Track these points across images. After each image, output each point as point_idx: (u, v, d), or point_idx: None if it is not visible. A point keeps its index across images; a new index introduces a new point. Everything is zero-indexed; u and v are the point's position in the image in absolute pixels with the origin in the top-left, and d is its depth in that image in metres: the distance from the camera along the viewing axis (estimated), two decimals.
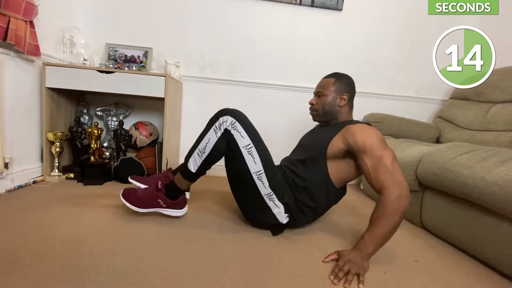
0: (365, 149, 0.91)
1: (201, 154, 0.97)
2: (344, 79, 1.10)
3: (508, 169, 0.86)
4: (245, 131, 0.94)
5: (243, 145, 0.94)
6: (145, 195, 1.05)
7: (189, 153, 1.01)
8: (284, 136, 2.00)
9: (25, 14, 1.22)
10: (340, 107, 1.08)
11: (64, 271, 0.71)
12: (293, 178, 1.05)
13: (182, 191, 1.07)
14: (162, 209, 1.06)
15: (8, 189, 1.26)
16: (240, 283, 0.73)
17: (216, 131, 0.95)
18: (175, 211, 1.07)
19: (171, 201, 1.05)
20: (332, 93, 1.08)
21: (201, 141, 0.98)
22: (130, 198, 1.05)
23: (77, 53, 1.61)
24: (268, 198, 0.98)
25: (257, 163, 0.95)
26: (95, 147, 1.54)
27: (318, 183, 1.01)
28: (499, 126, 1.58)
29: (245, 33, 1.92)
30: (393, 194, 0.84)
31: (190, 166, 0.99)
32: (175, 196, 1.06)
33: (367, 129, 0.95)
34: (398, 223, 0.84)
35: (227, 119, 0.94)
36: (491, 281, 0.87)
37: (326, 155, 0.99)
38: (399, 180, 0.85)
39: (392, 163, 0.88)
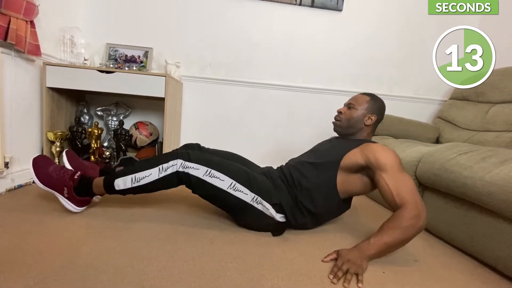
0: (386, 168, 0.92)
1: (134, 182, 0.97)
2: (378, 101, 1.12)
3: (507, 169, 0.86)
4: (197, 164, 0.95)
5: (201, 174, 0.94)
6: (55, 175, 1.00)
7: (123, 173, 0.99)
8: (284, 136, 2.00)
9: (26, 14, 1.23)
10: (365, 126, 1.09)
11: (63, 270, 0.71)
12: (298, 177, 1.05)
13: (92, 194, 1.04)
14: (61, 196, 1.01)
15: (9, 189, 1.26)
16: (240, 283, 0.73)
17: (160, 171, 0.95)
18: (72, 206, 1.03)
19: (76, 196, 1.01)
20: (363, 110, 1.09)
21: (141, 171, 0.97)
22: (38, 167, 1.00)
23: (78, 53, 1.61)
24: (255, 202, 0.98)
25: (224, 180, 0.95)
26: (95, 147, 1.55)
27: (322, 188, 1.01)
28: (498, 126, 1.58)
29: (245, 33, 1.92)
30: (414, 212, 0.85)
31: (117, 185, 0.98)
32: (82, 193, 1.02)
33: (389, 149, 0.97)
34: (408, 240, 0.86)
35: (176, 162, 0.94)
36: (490, 281, 0.87)
37: (339, 165, 1.00)
38: (420, 202, 0.87)
39: (413, 185, 0.90)
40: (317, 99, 2.02)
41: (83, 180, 1.03)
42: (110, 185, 0.99)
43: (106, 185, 1.00)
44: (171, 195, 1.31)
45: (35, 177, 1.00)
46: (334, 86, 2.02)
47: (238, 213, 1.05)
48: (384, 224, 0.88)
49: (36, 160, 1.02)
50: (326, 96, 2.02)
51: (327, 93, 2.02)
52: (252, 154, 1.40)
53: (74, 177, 1.02)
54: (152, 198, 1.26)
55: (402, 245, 0.88)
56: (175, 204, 1.25)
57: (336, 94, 2.00)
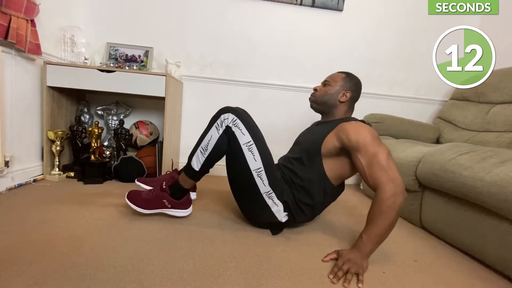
0: (358, 147, 0.91)
1: (204, 152, 0.98)
2: (354, 79, 1.11)
3: (507, 170, 0.86)
4: (246, 129, 0.95)
5: (244, 142, 0.94)
6: (150, 197, 1.05)
7: (192, 152, 1.01)
8: (284, 135, 1.99)
9: (26, 12, 1.23)
10: (340, 103, 1.08)
11: (64, 268, 0.71)
12: (290, 176, 1.05)
13: (186, 191, 1.07)
14: (167, 209, 1.06)
15: (9, 188, 1.26)
16: (239, 282, 0.73)
17: (218, 128, 0.96)
18: (180, 211, 1.07)
19: (176, 201, 1.05)
20: (337, 86, 1.08)
21: (203, 139, 0.98)
22: (135, 199, 1.05)
23: (78, 52, 1.61)
24: (267, 196, 0.98)
25: (257, 160, 0.95)
26: (96, 146, 1.55)
27: (315, 181, 1.01)
28: (498, 127, 1.58)
29: (246, 33, 1.92)
30: (388, 191, 0.83)
31: (194, 165, 1.00)
32: (179, 196, 1.06)
33: (360, 126, 0.95)
34: (395, 220, 0.84)
35: (228, 116, 0.95)
36: (490, 282, 0.87)
37: (321, 152, 1.00)
38: (394, 176, 0.85)
39: (386, 160, 0.87)
40: None
41: (171, 185, 1.06)
42: (190, 169, 1.01)
43: (187, 172, 1.02)
44: None
45: (138, 208, 1.05)
46: None
47: (247, 198, 1.05)
48: (369, 213, 0.88)
49: (130, 195, 1.07)
50: None
51: None
52: None
53: (163, 187, 1.05)
54: None
55: (392, 227, 0.85)
56: None
57: None
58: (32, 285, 0.64)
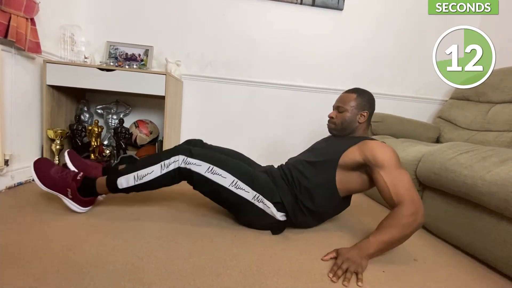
0: (383, 165, 0.92)
1: (136, 180, 0.96)
2: (365, 95, 1.11)
3: (507, 169, 0.86)
4: (199, 160, 0.94)
5: (204, 171, 0.94)
6: (57, 177, 1.00)
7: (125, 171, 0.99)
8: (284, 135, 2.00)
9: (26, 11, 1.22)
10: (359, 124, 1.09)
11: (63, 267, 0.71)
12: (298, 177, 1.05)
13: (96, 194, 1.04)
14: (66, 198, 1.01)
15: (8, 186, 1.26)
16: (239, 281, 0.73)
17: (162, 167, 0.95)
18: (76, 206, 1.02)
19: (80, 197, 1.01)
20: (353, 110, 1.08)
21: (142, 168, 0.96)
22: (40, 170, 1.00)
23: (78, 51, 1.61)
24: (256, 200, 0.98)
25: (226, 177, 0.95)
26: (95, 145, 1.55)
27: (322, 187, 1.01)
28: (499, 126, 1.58)
29: (246, 32, 1.92)
30: (411, 209, 0.85)
31: (120, 183, 0.98)
32: (86, 194, 1.02)
33: (386, 146, 0.97)
34: (407, 237, 0.86)
35: (178, 158, 0.94)
36: (490, 281, 0.87)
37: (338, 163, 1.00)
38: (417, 199, 0.87)
39: (410, 182, 0.90)
40: (317, 98, 2.02)
41: (86, 180, 1.02)
42: (113, 184, 0.99)
43: (109, 184, 1.00)
44: (171, 193, 1.31)
45: (37, 179, 0.99)
46: (334, 85, 2.02)
47: (239, 211, 1.05)
48: (383, 222, 0.89)
49: (37, 163, 1.01)
50: (326, 96, 2.02)
51: (327, 92, 2.01)
52: (252, 153, 1.39)
53: (77, 178, 1.01)
54: (152, 197, 1.26)
55: (401, 243, 0.88)
56: (175, 203, 1.25)
57: (336, 94, 1.95)
58: (32, 283, 0.64)
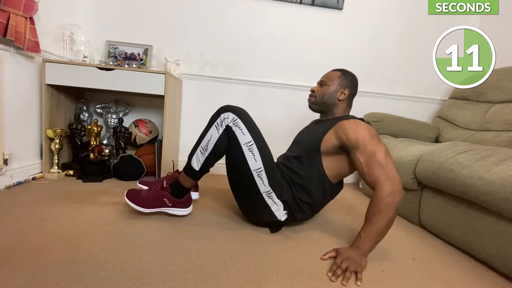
0: (357, 145, 0.91)
1: (204, 152, 0.98)
2: (349, 76, 1.11)
3: (506, 168, 0.86)
4: (246, 128, 0.95)
5: (244, 142, 0.94)
6: (150, 195, 1.05)
7: (192, 151, 1.01)
8: (283, 134, 1.99)
9: (25, 10, 1.22)
10: (339, 101, 1.08)
11: (63, 266, 0.71)
12: (289, 174, 1.05)
13: (187, 190, 1.07)
14: (167, 208, 1.06)
15: (7, 186, 1.26)
16: (238, 280, 0.73)
17: (218, 128, 0.95)
18: (180, 210, 1.07)
19: (176, 200, 1.05)
20: (335, 85, 1.08)
21: (203, 139, 0.98)
22: (134, 198, 1.05)
23: (77, 50, 1.61)
24: (267, 195, 0.98)
25: (257, 160, 0.95)
26: (95, 144, 1.54)
27: (314, 179, 1.01)
28: (498, 126, 1.58)
29: (245, 32, 1.92)
30: (387, 189, 0.83)
31: (194, 164, 0.99)
32: (180, 195, 1.06)
33: (359, 124, 0.95)
34: (393, 218, 0.84)
35: (228, 115, 0.94)
36: (488, 280, 0.87)
37: (320, 150, 1.00)
38: (392, 175, 0.85)
39: (385, 158, 0.88)
40: None
41: (172, 183, 1.06)
42: (190, 168, 1.01)
43: (188, 171, 1.02)
44: None
45: (138, 207, 1.04)
46: None
47: (246, 195, 1.04)
48: (367, 211, 0.88)
49: (130, 194, 1.06)
50: None
51: None
52: None
53: (164, 186, 1.05)
54: None
55: (390, 225, 0.85)
56: None
57: None
58: (31, 282, 0.64)
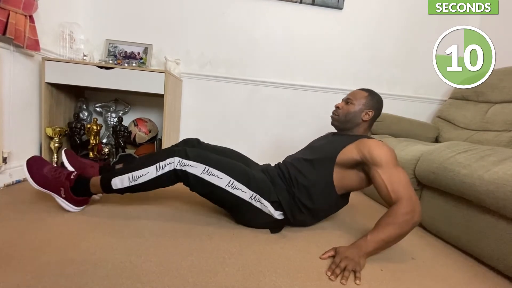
0: (381, 163, 0.92)
1: (132, 181, 0.96)
2: (376, 97, 1.12)
3: (506, 168, 0.86)
4: (194, 161, 0.94)
5: (199, 172, 0.94)
6: (50, 176, 0.99)
7: (120, 171, 0.98)
8: (283, 133, 2.00)
9: (25, 8, 1.22)
10: (362, 121, 1.10)
11: (61, 265, 0.71)
12: (295, 175, 1.05)
13: (90, 194, 1.04)
14: (59, 197, 1.00)
15: (6, 184, 1.26)
16: (237, 278, 0.73)
17: (157, 169, 0.94)
18: (70, 206, 1.01)
19: (73, 197, 1.00)
20: (360, 105, 1.09)
21: (138, 170, 0.96)
22: (33, 168, 0.99)
23: (77, 48, 1.61)
24: (254, 200, 0.98)
25: (222, 178, 0.95)
26: (94, 143, 1.54)
27: (320, 185, 1.01)
28: (497, 126, 1.58)
29: (245, 31, 1.92)
30: (409, 207, 0.85)
31: (114, 183, 0.97)
32: (80, 194, 1.01)
33: (384, 145, 0.97)
34: (405, 234, 0.87)
35: (173, 160, 0.93)
36: (488, 279, 0.87)
37: (335, 161, 1.00)
38: (414, 197, 0.88)
39: (407, 180, 0.90)
40: (317, 97, 2.02)
41: (80, 180, 1.01)
42: (108, 184, 0.98)
43: (104, 184, 0.99)
44: (169, 192, 1.30)
45: (30, 178, 0.98)
46: (334, 84, 2.02)
47: (237, 210, 1.05)
48: (380, 220, 0.89)
49: (30, 161, 1.00)
50: (326, 95, 2.02)
51: (327, 92, 2.02)
52: (251, 152, 1.40)
53: (70, 177, 1.00)
54: (151, 196, 1.26)
55: (398, 240, 0.88)
56: (174, 201, 1.25)
57: (336, 93, 2.00)
58: (30, 280, 0.64)
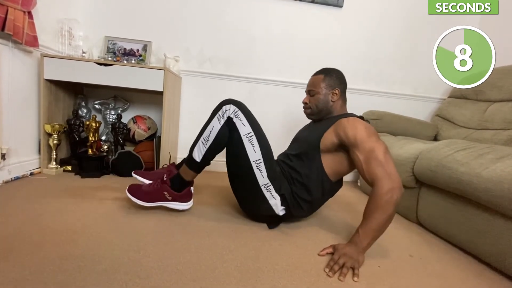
0: (356, 143, 0.91)
1: (205, 143, 0.99)
2: (333, 73, 1.10)
3: (503, 166, 0.87)
4: (246, 120, 0.96)
5: (244, 133, 0.96)
6: (151, 189, 1.05)
7: (194, 143, 1.02)
8: (283, 131, 2.00)
9: (24, 4, 1.21)
10: (333, 102, 1.09)
11: (60, 260, 0.71)
12: (290, 172, 1.05)
13: (187, 183, 1.07)
14: (168, 202, 1.06)
15: (5, 180, 1.25)
16: (235, 275, 0.74)
17: (219, 119, 0.97)
18: (181, 204, 1.07)
19: (177, 194, 1.05)
20: (323, 90, 1.08)
21: (205, 130, 1.00)
22: (135, 192, 1.05)
23: (76, 45, 1.60)
24: (265, 188, 0.98)
25: (256, 152, 0.96)
26: (93, 140, 1.54)
27: (313, 177, 1.02)
28: (496, 124, 1.59)
29: (245, 29, 1.91)
30: (386, 186, 0.84)
31: (195, 155, 1.00)
32: (180, 188, 1.06)
33: (358, 122, 0.95)
34: (392, 215, 0.84)
35: (230, 107, 0.96)
36: (485, 276, 0.88)
37: (320, 148, 1.00)
38: (391, 172, 0.85)
39: (384, 155, 0.88)
40: None
41: (173, 177, 1.06)
42: (192, 160, 1.01)
43: (189, 163, 1.03)
44: None
45: (139, 201, 1.04)
46: None
47: (244, 187, 1.05)
48: (365, 208, 0.88)
49: (131, 188, 1.06)
50: None
51: None
52: None
53: (164, 179, 1.06)
54: None
55: (389, 222, 0.86)
56: None
57: None
58: (28, 275, 0.64)
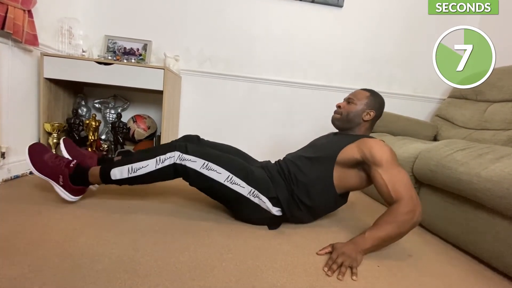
0: (381, 163, 0.92)
1: (131, 172, 0.96)
2: (378, 98, 1.12)
3: (503, 166, 0.87)
4: (193, 156, 0.95)
5: (199, 167, 0.95)
6: (50, 162, 1.00)
7: (120, 163, 0.99)
8: (283, 131, 2.00)
9: (24, 3, 1.21)
10: (363, 121, 1.10)
11: (59, 259, 0.71)
12: (295, 172, 1.05)
13: (88, 184, 1.04)
14: (56, 185, 1.01)
15: (5, 179, 1.25)
16: (235, 274, 0.74)
17: (157, 162, 0.95)
18: (67, 194, 1.02)
19: (71, 185, 1.00)
20: (362, 105, 1.09)
21: (137, 162, 0.97)
22: (34, 154, 1.00)
23: (76, 44, 1.60)
24: (252, 195, 0.98)
25: (221, 173, 0.96)
26: (93, 139, 1.54)
27: (319, 182, 1.02)
28: (496, 125, 1.59)
29: (245, 28, 1.91)
30: (409, 206, 0.85)
31: (113, 175, 0.98)
32: (78, 183, 1.02)
33: (384, 145, 0.97)
34: (403, 234, 0.87)
35: (174, 154, 0.94)
36: (484, 276, 0.88)
37: (336, 159, 1.00)
38: (415, 197, 0.88)
39: (408, 180, 0.90)
40: (316, 95, 2.02)
41: (79, 168, 1.02)
42: (107, 174, 0.98)
43: (102, 174, 0.99)
44: (168, 187, 1.31)
45: (31, 164, 0.99)
46: (333, 82, 2.02)
47: (235, 206, 1.05)
48: (380, 218, 0.89)
49: (32, 147, 1.01)
50: (325, 93, 2.02)
51: (326, 90, 2.02)
52: (250, 149, 1.40)
53: (70, 165, 1.01)
54: (150, 191, 1.26)
55: (397, 240, 0.88)
56: (172, 197, 1.25)
57: (335, 91, 2.00)
58: (27, 273, 0.64)
